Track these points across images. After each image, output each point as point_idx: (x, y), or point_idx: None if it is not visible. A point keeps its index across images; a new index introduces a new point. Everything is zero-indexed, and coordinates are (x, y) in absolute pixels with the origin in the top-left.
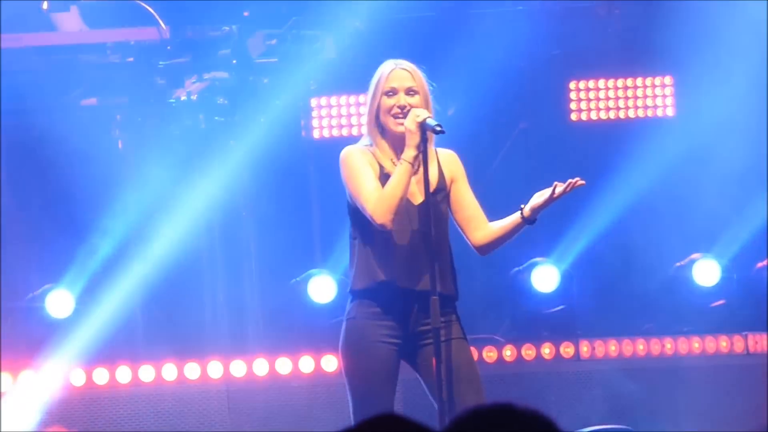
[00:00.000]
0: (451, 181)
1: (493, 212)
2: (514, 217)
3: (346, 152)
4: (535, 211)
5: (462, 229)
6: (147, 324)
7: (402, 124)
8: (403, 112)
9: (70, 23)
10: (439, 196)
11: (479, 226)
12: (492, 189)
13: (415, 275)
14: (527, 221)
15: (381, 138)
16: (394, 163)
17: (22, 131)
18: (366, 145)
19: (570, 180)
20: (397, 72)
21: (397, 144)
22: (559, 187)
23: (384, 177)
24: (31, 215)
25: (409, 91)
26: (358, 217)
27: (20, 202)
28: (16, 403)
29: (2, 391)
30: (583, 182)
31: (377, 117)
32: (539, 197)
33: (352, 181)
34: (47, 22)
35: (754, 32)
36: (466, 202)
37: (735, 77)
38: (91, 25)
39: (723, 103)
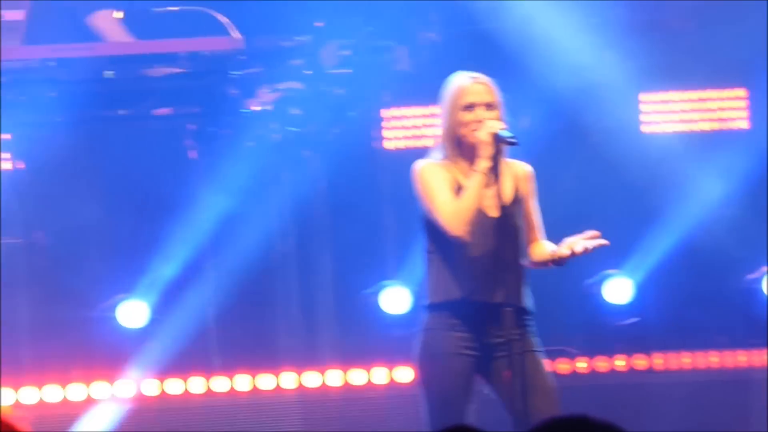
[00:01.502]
0: (525, 196)
1: (564, 225)
2: (547, 255)
3: (420, 166)
4: (559, 260)
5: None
6: (220, 334)
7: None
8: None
9: (117, 34)
10: (514, 209)
11: (530, 245)
12: (564, 201)
13: (489, 288)
14: (555, 263)
15: (456, 152)
16: (468, 177)
17: (97, 141)
18: (439, 159)
19: (591, 239)
20: (475, 86)
21: (473, 158)
22: (579, 246)
23: (458, 191)
24: (105, 225)
25: (488, 106)
26: (432, 230)
27: (94, 212)
28: (90, 414)
29: (75, 401)
30: (606, 243)
31: (454, 131)
32: (565, 249)
33: (427, 194)
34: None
35: None
36: (534, 218)
37: None
38: (163, 34)
39: None
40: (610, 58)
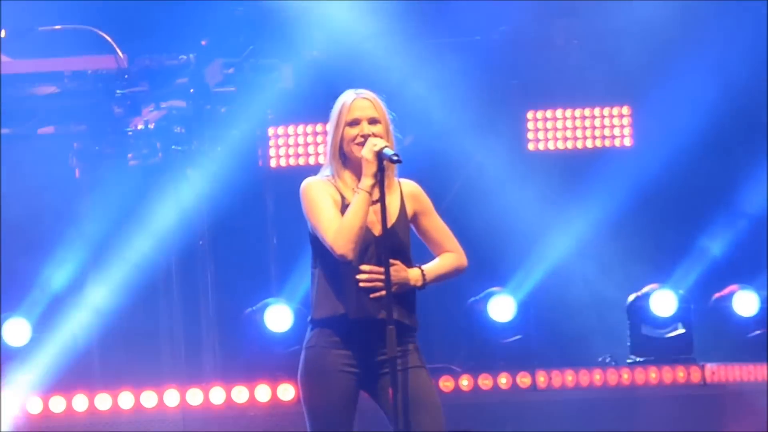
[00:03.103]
0: (415, 214)
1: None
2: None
3: (306, 184)
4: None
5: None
6: (103, 352)
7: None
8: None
9: None
10: (399, 226)
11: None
12: (449, 218)
13: (374, 305)
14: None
15: (343, 168)
16: (355, 192)
17: None
18: (326, 176)
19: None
20: (359, 102)
21: (358, 174)
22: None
23: (345, 208)
24: None
25: (372, 121)
26: (318, 247)
27: None
28: None
29: None
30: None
31: (340, 147)
32: None
33: (313, 213)
34: None
35: (711, 63)
36: (436, 234)
37: (692, 107)
38: (48, 53)
39: (680, 133)
40: (496, 76)
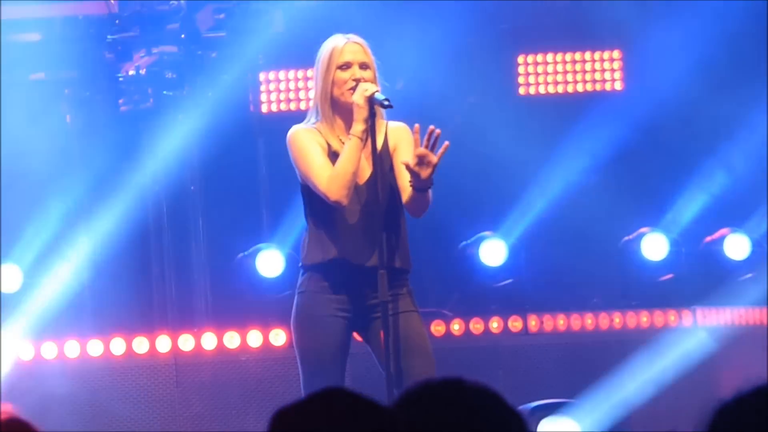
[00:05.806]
0: (394, 150)
1: (441, 186)
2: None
3: (293, 133)
4: (416, 180)
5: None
6: (95, 298)
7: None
8: (358, 84)
9: None
10: (387, 169)
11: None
12: (438, 163)
13: (365, 249)
14: (417, 189)
15: (331, 113)
16: (341, 140)
17: None
18: (312, 123)
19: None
20: (350, 45)
21: (347, 119)
22: (422, 154)
23: (332, 155)
24: None
25: (363, 66)
26: (309, 194)
27: None
28: None
29: None
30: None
31: (329, 91)
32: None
33: (303, 161)
34: None
35: (706, 4)
36: (402, 170)
37: (683, 52)
38: None
39: (671, 78)
40: (487, 20)
